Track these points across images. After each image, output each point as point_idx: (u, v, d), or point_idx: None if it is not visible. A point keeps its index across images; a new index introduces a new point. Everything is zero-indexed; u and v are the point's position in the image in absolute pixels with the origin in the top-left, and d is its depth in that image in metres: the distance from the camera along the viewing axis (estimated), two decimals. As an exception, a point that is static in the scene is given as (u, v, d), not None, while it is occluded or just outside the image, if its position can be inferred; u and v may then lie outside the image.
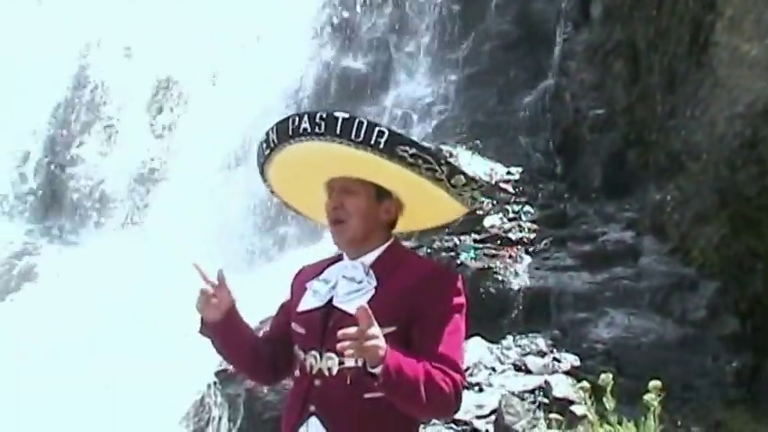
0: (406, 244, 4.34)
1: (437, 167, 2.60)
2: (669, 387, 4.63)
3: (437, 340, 2.56)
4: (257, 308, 7.75)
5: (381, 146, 2.55)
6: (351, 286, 2.67)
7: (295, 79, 11.16)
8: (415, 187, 2.66)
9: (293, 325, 2.75)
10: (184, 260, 3.09)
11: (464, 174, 2.68)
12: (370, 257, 2.71)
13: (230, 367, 6.90)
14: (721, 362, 6.31)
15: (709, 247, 6.76)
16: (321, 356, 2.64)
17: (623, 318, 6.77)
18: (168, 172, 11.47)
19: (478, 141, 9.22)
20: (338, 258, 2.79)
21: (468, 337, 3.08)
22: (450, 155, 8.17)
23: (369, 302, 2.53)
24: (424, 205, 2.75)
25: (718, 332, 6.46)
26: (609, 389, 4.51)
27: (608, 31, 8.86)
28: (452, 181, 2.64)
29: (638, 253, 7.33)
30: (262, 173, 2.89)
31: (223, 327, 2.78)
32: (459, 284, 2.67)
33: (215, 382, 7.03)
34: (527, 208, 8.25)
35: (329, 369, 2.61)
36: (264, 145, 2.77)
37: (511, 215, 8.14)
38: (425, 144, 2.65)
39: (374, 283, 2.64)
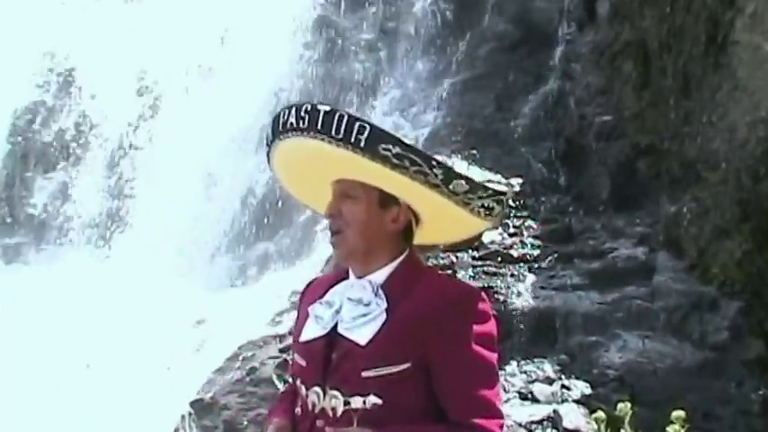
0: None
1: (428, 171, 2.36)
2: (689, 417, 4.49)
3: (463, 381, 2.36)
4: (236, 329, 7.71)
5: (362, 144, 2.33)
6: (357, 309, 2.45)
7: (274, 88, 11.07)
8: (417, 193, 2.44)
9: (294, 355, 2.57)
10: (155, 282, 2.95)
11: (465, 178, 2.42)
12: (380, 275, 2.49)
13: (207, 396, 6.84)
14: (746, 388, 6.21)
15: (731, 263, 6.68)
16: (324, 394, 2.45)
17: (637, 341, 6.69)
18: (138, 187, 11.35)
19: (475, 151, 9.14)
20: (345, 276, 2.59)
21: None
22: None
23: (378, 331, 2.37)
24: (436, 214, 2.52)
25: (741, 356, 6.37)
26: (627, 419, 4.43)
27: (616, 30, 8.79)
28: (451, 187, 2.39)
29: (652, 270, 7.25)
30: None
31: None
32: (484, 306, 2.45)
33: (190, 413, 6.89)
34: (529, 222, 8.20)
35: (333, 409, 2.42)
36: (266, 141, 2.59)
37: (512, 230, 8.08)
38: (411, 144, 2.41)
39: (384, 305, 2.42)
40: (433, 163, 2.37)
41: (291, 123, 2.42)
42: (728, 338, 6.49)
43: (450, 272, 7.45)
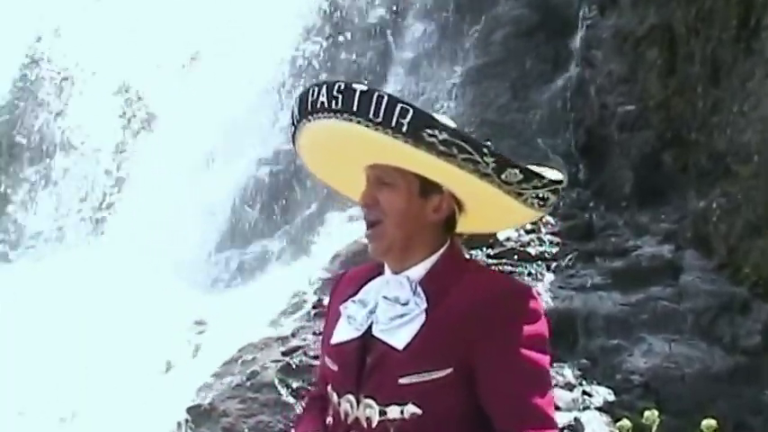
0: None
1: (479, 159, 2.26)
2: (720, 426, 4.47)
3: (512, 387, 2.24)
4: (235, 331, 7.65)
5: (404, 129, 2.21)
6: (394, 310, 2.34)
7: (277, 74, 11.04)
8: (464, 182, 2.32)
9: (326, 359, 2.46)
10: (148, 282, 2.85)
11: (520, 167, 2.31)
12: (419, 270, 2.37)
13: (205, 402, 6.80)
14: (780, 396, 6.18)
15: (764, 262, 6.63)
16: (358, 403, 2.34)
17: (663, 345, 6.64)
18: (130, 183, 11.33)
19: (489, 143, 9.07)
20: (380, 270, 2.47)
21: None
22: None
23: (417, 334, 2.26)
24: (483, 203, 2.41)
25: (774, 362, 6.34)
26: (654, 428, 4.40)
27: (640, 14, 8.74)
28: (503, 176, 2.29)
29: (679, 269, 7.23)
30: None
31: None
32: (535, 305, 2.33)
33: (186, 420, 6.84)
34: (547, 218, 8.19)
35: (368, 419, 2.32)
36: (291, 121, 2.47)
37: (529, 227, 8.07)
38: (460, 130, 2.29)
39: (423, 305, 2.31)
40: (485, 151, 2.27)
41: (323, 103, 2.30)
42: (761, 342, 6.43)
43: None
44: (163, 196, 10.45)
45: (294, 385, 6.70)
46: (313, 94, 2.32)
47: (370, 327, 2.37)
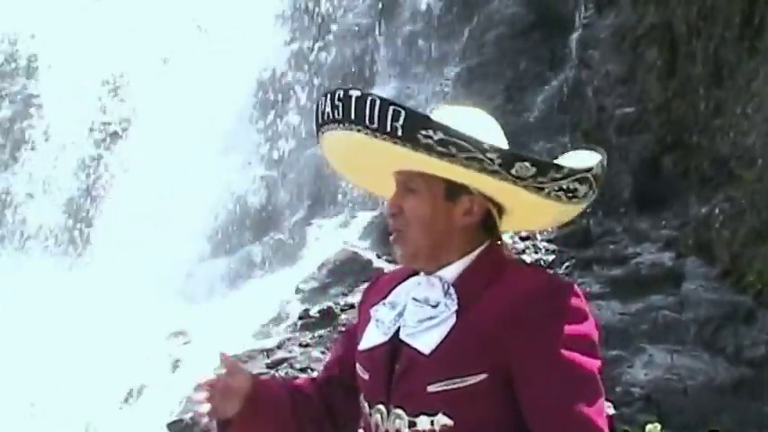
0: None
1: (481, 156, 2.16)
2: None
3: (554, 395, 2.12)
4: (218, 342, 7.62)
5: (399, 132, 2.16)
6: (423, 312, 2.24)
7: (257, 79, 11.01)
8: (483, 181, 2.23)
9: (357, 367, 2.38)
10: (127, 292, 2.82)
11: (531, 160, 2.19)
12: (452, 271, 2.27)
13: (186, 417, 6.78)
14: (786, 409, 6.20)
15: None
16: (389, 413, 2.26)
17: (664, 356, 6.66)
18: (107, 189, 11.27)
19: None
20: (416, 272, 2.38)
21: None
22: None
23: (446, 337, 2.18)
24: (512, 201, 2.31)
25: (781, 373, 6.35)
26: None
27: (639, 12, 8.76)
28: (514, 172, 2.18)
29: (681, 278, 7.24)
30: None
31: (249, 418, 2.43)
32: (578, 302, 2.19)
33: (168, 436, 6.84)
34: (541, 225, 8.17)
35: (397, 431, 2.24)
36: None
37: (524, 233, 8.05)
38: (453, 128, 2.20)
39: (454, 306, 2.21)
40: (486, 147, 2.17)
41: (328, 114, 2.26)
42: (766, 353, 6.44)
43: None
44: (144, 203, 10.42)
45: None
46: (321, 105, 2.29)
47: (398, 331, 2.29)
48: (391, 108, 2.17)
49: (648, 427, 4.55)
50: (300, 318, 7.75)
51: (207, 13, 11.47)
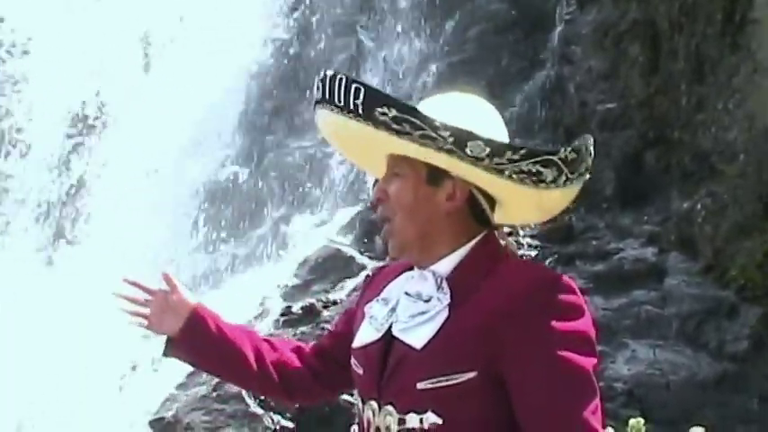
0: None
1: (434, 134, 2.12)
2: None
3: (547, 395, 2.08)
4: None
5: (360, 110, 2.14)
6: (415, 306, 2.22)
7: (239, 74, 10.98)
8: (452, 163, 2.20)
9: (352, 362, 2.36)
10: (105, 289, 2.83)
11: (482, 138, 2.14)
12: (446, 265, 2.24)
13: (168, 414, 6.75)
14: (769, 403, 6.23)
15: (751, 264, 6.69)
16: (380, 409, 2.23)
17: (647, 351, 6.68)
18: (84, 184, 11.20)
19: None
20: (409, 267, 2.35)
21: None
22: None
23: (437, 332, 2.15)
24: (490, 187, 2.26)
25: (763, 368, 6.36)
26: None
27: (621, 8, 8.77)
28: (468, 151, 2.13)
29: (663, 273, 7.26)
30: None
31: (191, 334, 2.54)
32: (572, 298, 2.14)
33: (149, 433, 6.82)
34: (525, 221, 8.17)
35: (387, 428, 2.21)
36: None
37: (506, 229, 8.01)
38: (409, 103, 2.18)
39: (447, 300, 2.18)
40: (437, 124, 2.12)
41: (316, 96, 2.28)
42: (749, 348, 6.47)
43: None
44: (123, 199, 10.36)
45: (262, 396, 6.66)
46: (314, 87, 2.29)
47: (391, 327, 2.26)
48: (353, 86, 2.17)
49: (632, 421, 4.54)
50: (282, 315, 7.72)
51: (191, 9, 11.42)
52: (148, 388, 7.53)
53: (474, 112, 2.30)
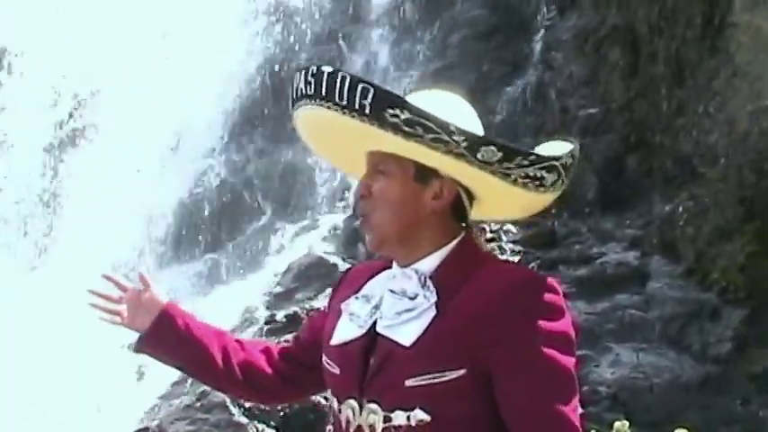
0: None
1: (447, 138, 2.13)
2: None
3: (531, 393, 2.12)
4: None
5: (367, 110, 2.13)
6: (401, 304, 2.22)
7: (222, 84, 10.96)
8: (450, 165, 2.21)
9: (324, 360, 2.35)
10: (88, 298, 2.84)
11: (497, 144, 2.17)
12: (428, 263, 2.25)
13: (152, 424, 6.73)
14: (752, 406, 6.23)
15: (733, 267, 6.71)
16: (361, 408, 2.22)
17: (630, 354, 6.69)
18: (68, 189, 11.15)
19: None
20: (389, 266, 2.35)
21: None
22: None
23: (426, 330, 2.15)
24: (481, 188, 2.28)
25: (746, 370, 6.39)
26: None
27: (601, 13, 8.79)
28: (480, 156, 2.16)
29: (646, 276, 7.28)
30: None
31: (160, 330, 2.56)
32: (554, 298, 2.17)
33: (133, 444, 6.79)
34: (508, 226, 8.18)
35: (371, 426, 2.20)
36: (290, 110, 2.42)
37: (489, 235, 8.04)
38: (423, 109, 2.17)
39: (434, 298, 2.19)
40: (452, 129, 2.14)
41: (301, 90, 2.24)
42: (732, 350, 6.49)
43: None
44: (104, 207, 10.31)
45: (247, 405, 6.65)
46: (296, 81, 2.26)
47: (374, 324, 2.25)
48: (360, 85, 2.15)
49: (617, 424, 4.55)
50: (267, 323, 7.70)
51: (172, 19, 11.38)
52: (132, 398, 7.50)
53: (462, 112, 2.33)
